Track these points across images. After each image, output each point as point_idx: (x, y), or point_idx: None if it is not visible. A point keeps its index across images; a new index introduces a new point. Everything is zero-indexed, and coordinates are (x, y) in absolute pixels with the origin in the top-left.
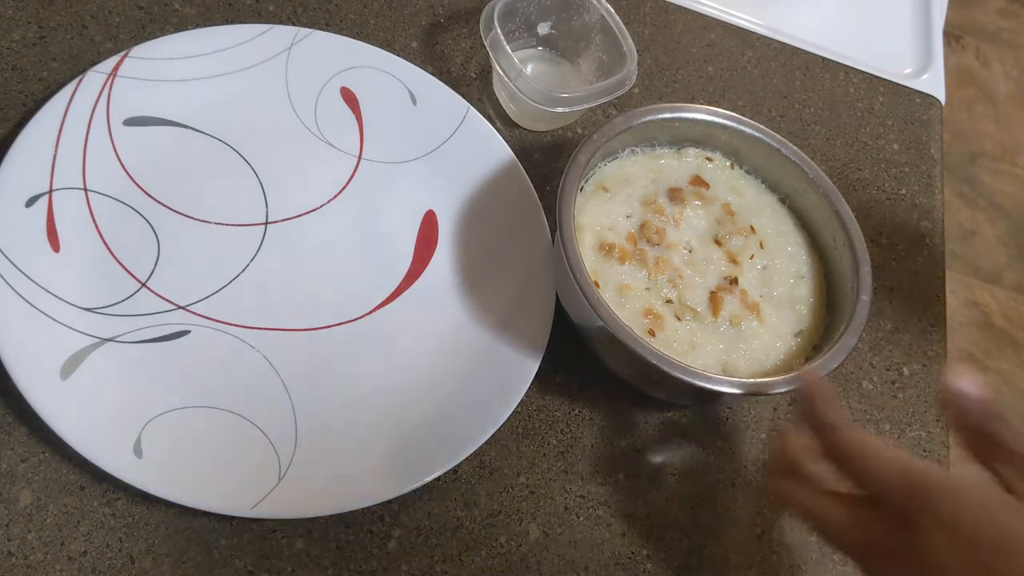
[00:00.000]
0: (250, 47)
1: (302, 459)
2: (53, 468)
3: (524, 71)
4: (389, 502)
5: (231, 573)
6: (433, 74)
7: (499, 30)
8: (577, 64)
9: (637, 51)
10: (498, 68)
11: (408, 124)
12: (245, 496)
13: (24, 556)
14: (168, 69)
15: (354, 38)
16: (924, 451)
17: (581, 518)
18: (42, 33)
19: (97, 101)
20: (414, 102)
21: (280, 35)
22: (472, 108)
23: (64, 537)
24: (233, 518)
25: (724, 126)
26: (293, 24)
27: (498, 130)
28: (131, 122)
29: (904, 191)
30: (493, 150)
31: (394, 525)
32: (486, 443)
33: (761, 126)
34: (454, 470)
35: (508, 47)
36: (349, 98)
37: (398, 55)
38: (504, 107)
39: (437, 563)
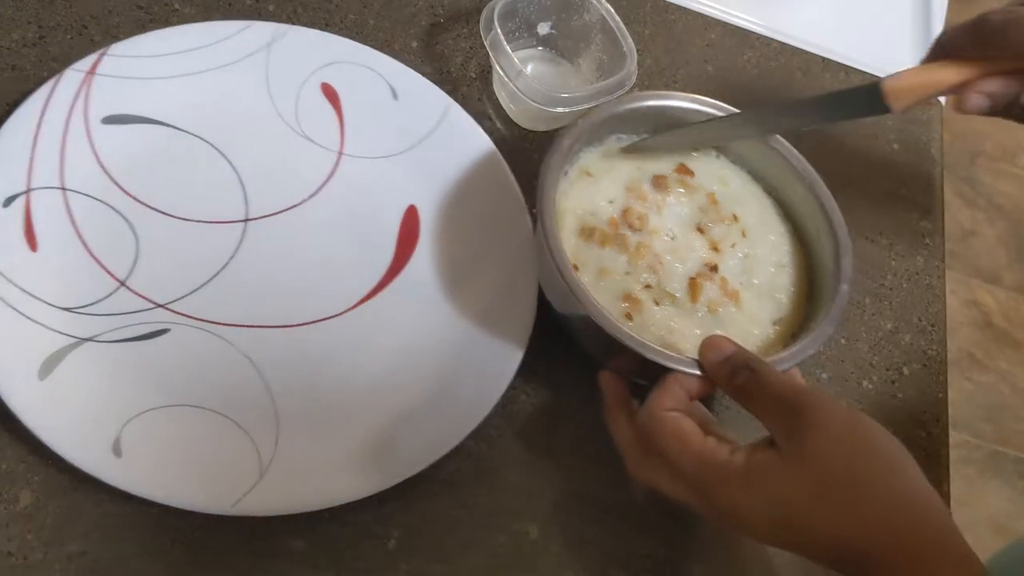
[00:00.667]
0: (230, 44)
1: (283, 456)
2: (53, 468)
3: (524, 71)
4: (388, 502)
5: (231, 573)
6: (433, 74)
7: (499, 30)
8: (577, 64)
9: (637, 51)
10: (498, 68)
11: (389, 119)
12: (225, 494)
13: (24, 556)
14: (147, 67)
15: (353, 38)
16: (924, 451)
17: (580, 518)
18: (42, 33)
19: (75, 99)
20: (395, 97)
21: (260, 31)
22: (454, 103)
23: (63, 537)
24: (233, 518)
25: (709, 114)
26: (293, 24)
27: (498, 130)
28: (110, 120)
29: (904, 191)
30: (475, 144)
31: (394, 525)
32: (485, 443)
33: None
34: (454, 470)
35: (508, 47)
36: (330, 94)
37: (396, 54)
38: (504, 107)
39: (436, 563)
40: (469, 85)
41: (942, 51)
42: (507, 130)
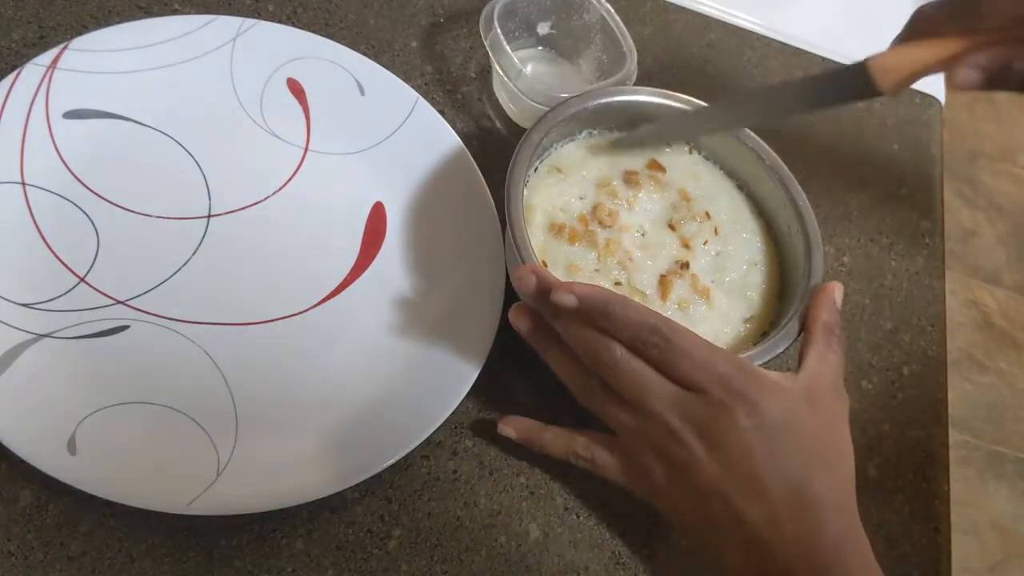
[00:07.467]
0: (194, 38)
1: (242, 455)
2: None
3: (524, 71)
4: (389, 502)
5: (231, 573)
6: (433, 74)
7: (499, 30)
8: (577, 64)
9: (637, 51)
10: (498, 68)
11: (356, 114)
12: (181, 493)
13: (24, 556)
14: (109, 61)
15: (354, 38)
16: (924, 451)
17: (581, 518)
18: (42, 33)
19: (36, 94)
20: (362, 92)
21: (224, 26)
22: (421, 98)
23: (64, 537)
24: (232, 518)
25: (679, 110)
26: (292, 24)
27: (497, 130)
28: (71, 115)
29: (904, 191)
30: (442, 140)
31: (394, 525)
32: (486, 443)
33: None
34: (454, 470)
35: (508, 47)
36: (296, 89)
37: (396, 54)
38: (504, 107)
39: (437, 563)
40: (469, 85)
41: (921, 29)
42: (507, 130)
